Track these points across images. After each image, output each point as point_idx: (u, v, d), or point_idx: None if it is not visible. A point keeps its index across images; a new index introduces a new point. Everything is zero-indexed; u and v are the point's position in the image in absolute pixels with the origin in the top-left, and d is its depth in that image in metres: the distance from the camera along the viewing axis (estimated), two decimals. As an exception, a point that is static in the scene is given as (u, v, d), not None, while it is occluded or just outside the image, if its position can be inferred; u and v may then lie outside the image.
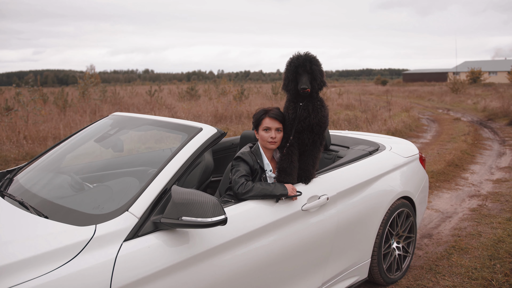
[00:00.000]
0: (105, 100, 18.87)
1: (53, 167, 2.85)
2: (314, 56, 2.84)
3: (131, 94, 26.11)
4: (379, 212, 3.32)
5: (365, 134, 4.64)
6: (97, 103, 15.77)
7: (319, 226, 2.78)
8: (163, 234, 2.09)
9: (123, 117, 3.13)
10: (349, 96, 23.78)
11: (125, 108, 16.77)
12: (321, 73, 2.84)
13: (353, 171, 3.24)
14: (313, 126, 2.83)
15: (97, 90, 17.74)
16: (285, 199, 2.62)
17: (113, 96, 20.42)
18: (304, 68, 2.79)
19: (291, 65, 2.84)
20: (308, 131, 2.85)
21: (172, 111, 14.85)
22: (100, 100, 17.03)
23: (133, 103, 18.98)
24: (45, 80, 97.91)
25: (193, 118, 14.09)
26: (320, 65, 2.85)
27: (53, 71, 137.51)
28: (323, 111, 2.87)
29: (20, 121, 11.36)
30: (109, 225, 1.98)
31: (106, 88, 22.56)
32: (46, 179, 2.70)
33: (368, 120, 12.96)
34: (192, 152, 2.37)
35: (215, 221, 1.99)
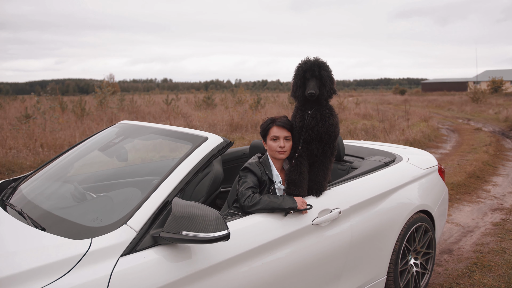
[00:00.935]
0: (122, 108, 19.05)
1: (57, 177, 2.77)
2: (323, 62, 2.72)
3: (148, 103, 26.33)
4: (396, 227, 3.15)
5: (381, 145, 4.48)
6: (113, 112, 15.88)
7: (331, 241, 2.63)
8: (163, 249, 1.98)
9: (129, 126, 3.05)
10: (366, 106, 23.47)
11: (142, 116, 16.88)
12: (331, 80, 2.72)
13: (368, 183, 3.08)
14: (322, 135, 2.70)
15: (114, 99, 17.91)
16: (294, 213, 2.49)
17: (130, 105, 20.62)
18: (312, 72, 2.68)
19: (299, 70, 2.73)
20: (317, 141, 2.72)
21: (188, 120, 14.85)
22: (117, 109, 17.17)
23: (149, 111, 19.09)
24: (66, 89, 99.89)
25: (209, 126, 14.06)
26: (329, 71, 2.73)
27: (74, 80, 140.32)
28: (332, 119, 2.74)
29: (38, 129, 11.49)
30: (105, 239, 1.88)
31: (124, 97, 22.85)
32: (48, 188, 2.63)
33: (385, 130, 12.71)
34: (196, 162, 2.26)
35: (217, 236, 1.87)
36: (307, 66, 2.69)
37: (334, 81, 2.75)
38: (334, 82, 2.74)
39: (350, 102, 26.35)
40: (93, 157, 2.91)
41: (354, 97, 38.46)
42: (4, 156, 8.30)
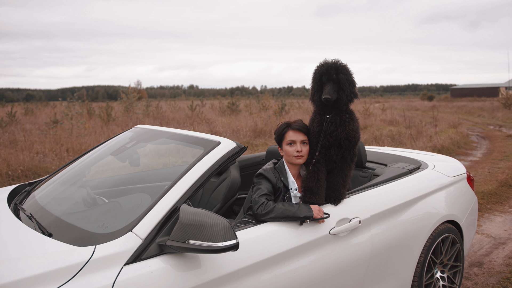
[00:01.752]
0: (147, 114, 19.30)
1: (70, 181, 2.74)
2: (342, 64, 2.58)
3: (174, 109, 26.60)
4: (420, 238, 2.98)
5: (406, 151, 4.29)
6: (139, 117, 16.09)
7: (349, 252, 2.49)
8: (169, 258, 1.89)
9: (144, 130, 3.00)
10: (392, 112, 23.00)
11: (166, 122, 17.02)
12: (350, 83, 2.57)
13: (390, 192, 2.92)
14: (341, 141, 2.57)
15: (139, 105, 18.18)
16: (310, 222, 2.36)
17: (155, 111, 20.87)
18: (328, 76, 2.54)
19: (316, 73, 2.61)
20: (336, 146, 2.59)
21: (211, 126, 14.88)
22: (142, 114, 17.39)
23: (174, 117, 19.25)
24: (96, 95, 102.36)
25: (232, 132, 14.03)
26: (349, 74, 2.57)
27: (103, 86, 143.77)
28: (352, 124, 2.60)
29: (65, 133, 11.72)
30: (109, 246, 1.81)
31: (150, 103, 23.16)
32: (61, 193, 2.59)
33: (412, 136, 12.37)
34: (207, 168, 2.17)
35: (225, 246, 1.77)
36: (323, 69, 2.56)
37: (354, 84, 2.60)
38: (354, 86, 2.60)
39: (376, 108, 25.91)
40: (107, 162, 2.87)
41: (380, 103, 37.86)
42: (30, 160, 8.46)
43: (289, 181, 2.60)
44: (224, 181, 3.36)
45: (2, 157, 8.46)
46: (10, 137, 11.97)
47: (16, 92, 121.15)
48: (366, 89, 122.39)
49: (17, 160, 8.18)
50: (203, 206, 3.45)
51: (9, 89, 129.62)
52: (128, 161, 2.75)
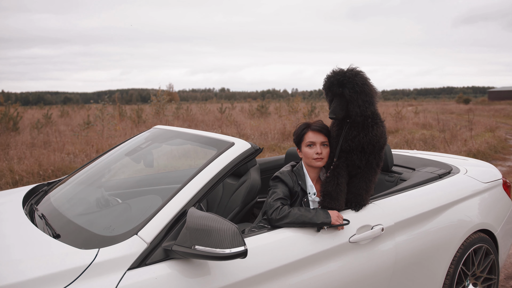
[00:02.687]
0: (177, 116, 19.49)
1: (85, 182, 2.71)
2: (351, 75, 2.36)
3: (204, 111, 26.80)
4: (450, 248, 2.78)
5: (437, 155, 4.07)
6: (168, 119, 16.26)
7: (371, 262, 2.34)
8: (176, 263, 1.81)
9: (161, 131, 2.94)
10: (426, 115, 22.32)
11: (195, 124, 17.14)
12: (361, 94, 2.35)
13: (417, 197, 2.74)
14: (364, 146, 2.42)
15: (169, 107, 18.41)
16: (328, 229, 2.23)
17: (185, 113, 21.07)
18: (332, 92, 2.39)
19: (324, 87, 2.47)
20: (359, 151, 2.44)
21: (239, 128, 14.85)
22: (172, 116, 17.59)
23: (203, 119, 19.37)
24: (130, 98, 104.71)
25: (260, 135, 13.95)
26: (358, 85, 2.34)
27: (137, 89, 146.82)
28: (375, 129, 2.43)
29: (96, 135, 11.96)
30: (113, 250, 1.74)
31: (181, 106, 23.43)
32: (75, 194, 2.56)
33: (446, 140, 11.92)
34: (218, 169, 2.08)
35: (232, 253, 1.67)
36: (327, 84, 2.41)
37: (367, 93, 2.37)
38: (367, 94, 2.37)
39: (408, 112, 25.22)
40: (124, 163, 2.82)
41: (413, 106, 36.88)
42: (61, 160, 8.64)
43: (307, 185, 2.48)
44: (243, 183, 3.26)
45: (34, 157, 8.69)
46: (45, 138, 12.32)
47: (55, 95, 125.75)
48: (399, 92, 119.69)
49: (48, 160, 8.38)
50: (222, 209, 3.37)
51: (48, 92, 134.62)
52: (143, 162, 2.69)
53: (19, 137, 12.26)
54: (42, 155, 8.92)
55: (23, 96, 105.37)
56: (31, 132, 14.16)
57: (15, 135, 13.08)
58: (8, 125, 14.09)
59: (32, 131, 14.29)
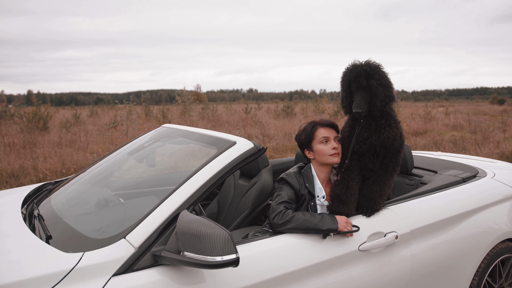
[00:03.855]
0: (202, 117, 19.55)
1: (89, 181, 2.63)
2: (374, 66, 2.23)
3: (230, 112, 26.82)
4: (474, 258, 2.56)
5: (462, 157, 3.82)
6: (192, 119, 16.32)
7: (383, 272, 2.16)
8: (166, 270, 1.69)
9: (168, 130, 2.84)
10: (457, 116, 21.57)
11: (219, 124, 17.12)
12: (385, 87, 2.23)
13: (437, 203, 2.54)
14: (376, 148, 2.25)
15: (195, 107, 18.51)
16: (334, 235, 2.07)
17: (210, 113, 21.12)
18: (358, 84, 2.22)
19: (344, 80, 2.29)
20: (371, 154, 2.28)
21: (263, 128, 14.72)
22: (197, 117, 17.65)
23: (228, 120, 19.35)
24: (159, 99, 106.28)
25: (284, 135, 13.77)
26: (382, 77, 2.23)
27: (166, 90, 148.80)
28: (389, 131, 2.27)
29: (121, 134, 12.08)
30: (98, 254, 1.64)
31: (208, 106, 23.56)
32: (76, 194, 2.49)
33: (477, 142, 11.43)
34: (217, 170, 1.95)
35: (222, 261, 1.54)
36: (352, 75, 2.24)
37: (389, 87, 2.26)
38: (389, 88, 2.25)
39: (439, 113, 24.48)
40: (128, 163, 2.73)
41: (444, 107, 35.83)
42: (84, 159, 8.74)
43: (315, 187, 2.32)
44: (254, 185, 3.13)
45: (58, 156, 8.82)
46: (72, 137, 12.56)
47: (88, 95, 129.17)
48: (430, 92, 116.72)
49: (71, 159, 8.48)
50: (233, 211, 3.24)
51: (81, 93, 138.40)
52: (146, 161, 2.59)
53: (47, 136, 12.54)
54: (66, 154, 9.05)
55: (57, 96, 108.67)
56: (59, 131, 14.48)
57: (44, 134, 13.39)
58: (38, 124, 14.45)
59: (61, 131, 14.61)
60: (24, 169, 7.86)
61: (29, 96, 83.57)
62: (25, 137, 11.79)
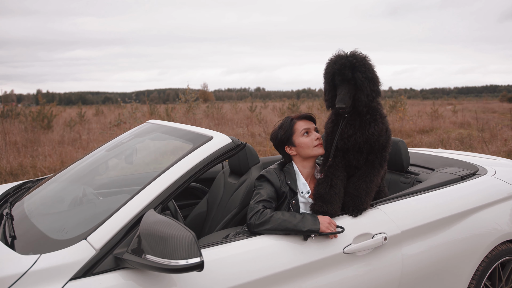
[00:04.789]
0: (207, 115, 19.47)
1: (68, 179, 2.52)
2: (360, 57, 2.09)
3: (235, 110, 26.71)
4: (471, 260, 2.41)
5: (464, 154, 3.67)
6: (196, 118, 16.24)
7: (370, 276, 2.02)
8: (130, 273, 1.57)
9: (152, 125, 2.72)
10: (464, 114, 21.23)
11: (223, 122, 17.01)
12: (371, 81, 2.09)
13: (431, 202, 2.39)
14: (361, 146, 2.13)
15: (198, 105, 18.44)
16: (316, 237, 1.93)
17: (215, 112, 21.04)
18: (342, 76, 2.07)
19: (327, 72, 2.15)
20: (355, 151, 2.15)
21: (266, 126, 14.58)
22: (201, 115, 17.57)
23: (232, 118, 19.23)
24: (167, 98, 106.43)
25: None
26: (369, 70, 2.09)
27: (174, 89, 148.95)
28: (373, 127, 2.13)
29: (123, 133, 12.02)
30: (56, 256, 1.53)
31: (214, 105, 23.50)
32: (52, 192, 2.37)
33: (484, 139, 11.19)
34: (190, 167, 1.83)
35: (184, 265, 1.42)
36: (336, 67, 2.09)
37: (375, 81, 2.11)
38: (375, 83, 2.11)
39: (446, 110, 24.15)
40: (107, 159, 2.62)
41: (453, 105, 35.44)
42: (84, 157, 8.68)
43: (299, 183, 2.19)
44: (243, 183, 3.01)
45: (58, 154, 8.77)
46: (74, 136, 12.52)
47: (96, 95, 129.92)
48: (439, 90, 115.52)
49: (71, 157, 8.42)
50: (222, 210, 3.13)
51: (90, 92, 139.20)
52: (124, 158, 2.48)
53: (50, 135, 12.52)
54: (66, 152, 8.99)
55: (66, 96, 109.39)
56: (64, 130, 14.47)
57: (48, 133, 13.38)
58: (42, 123, 14.46)
59: (65, 129, 14.60)
60: (23, 168, 7.81)
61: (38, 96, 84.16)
62: (28, 135, 11.78)
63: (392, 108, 18.56)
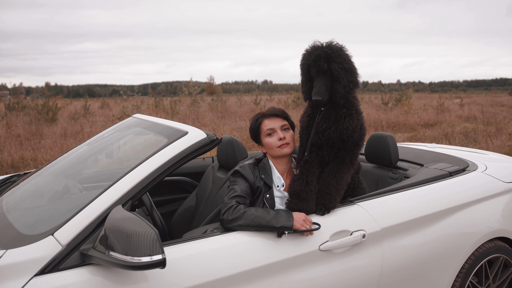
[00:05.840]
0: (211, 108, 19.46)
1: (52, 173, 2.51)
2: (337, 48, 2.04)
3: (240, 103, 26.67)
4: (457, 257, 2.38)
5: (459, 149, 3.61)
6: (199, 111, 16.24)
7: (347, 275, 1.99)
8: (97, 269, 1.57)
9: (137, 120, 2.70)
10: (471, 107, 20.97)
11: (227, 115, 16.98)
12: (348, 72, 2.04)
13: (415, 199, 2.36)
14: (334, 141, 2.09)
15: (200, 98, 18.43)
16: (290, 234, 1.91)
17: (220, 104, 21.03)
18: (318, 68, 2.02)
19: (303, 63, 2.10)
20: (329, 146, 2.11)
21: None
22: (204, 108, 17.57)
23: (237, 111, 19.19)
24: (174, 90, 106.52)
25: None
26: (346, 60, 2.04)
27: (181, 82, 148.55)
28: (348, 121, 2.09)
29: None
30: (21, 252, 1.52)
31: (220, 97, 23.51)
32: (31, 186, 2.37)
33: (488, 133, 11.05)
34: (162, 162, 1.82)
35: (146, 262, 1.41)
36: (311, 58, 2.04)
37: (353, 71, 2.07)
38: (353, 73, 2.07)
39: (453, 104, 23.89)
40: (90, 154, 2.61)
41: (461, 98, 35.08)
42: (85, 150, 8.71)
43: (274, 177, 2.17)
44: None
45: (59, 146, 8.81)
46: (78, 128, 12.58)
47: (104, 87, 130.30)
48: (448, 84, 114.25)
49: (71, 150, 8.46)
50: (210, 204, 3.12)
51: (98, 85, 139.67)
52: (105, 153, 2.47)
53: (53, 128, 12.59)
54: (67, 145, 9.04)
55: (74, 88, 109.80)
56: (68, 122, 14.54)
57: (52, 125, 13.45)
58: (47, 116, 14.55)
59: (70, 122, 14.67)
60: (24, 160, 7.86)
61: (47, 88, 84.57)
62: (31, 128, 11.85)
63: (397, 101, 18.40)
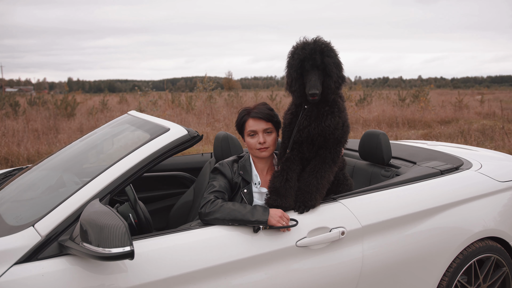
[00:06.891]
0: (227, 103, 19.58)
1: (48, 167, 2.61)
2: (326, 43, 2.06)
3: (256, 99, 26.73)
4: (442, 257, 2.37)
5: (459, 147, 3.58)
6: (214, 106, 16.36)
7: (325, 272, 2.01)
8: (74, 260, 1.64)
9: (131, 117, 2.77)
10: (491, 104, 20.47)
11: (242, 111, 17.04)
12: (337, 66, 2.06)
13: (400, 197, 2.35)
14: (314, 138, 2.10)
15: (215, 94, 18.57)
16: (268, 229, 1.94)
17: (236, 100, 21.13)
18: (313, 62, 2.03)
19: (294, 57, 2.09)
20: (309, 143, 2.13)
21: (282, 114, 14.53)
22: (219, 103, 17.70)
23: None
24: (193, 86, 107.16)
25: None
26: (336, 55, 2.07)
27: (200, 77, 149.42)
28: (330, 119, 2.10)
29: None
30: (2, 242, 1.61)
31: (237, 92, 23.63)
32: (29, 180, 2.46)
33: (505, 131, 10.82)
34: (142, 157, 1.88)
35: (114, 253, 1.48)
36: (305, 53, 2.04)
37: (341, 67, 2.09)
38: (341, 69, 2.09)
39: (474, 100, 23.38)
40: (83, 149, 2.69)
41: (484, 94, 34.26)
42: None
43: (252, 174, 2.22)
44: None
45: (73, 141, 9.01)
46: (94, 123, 12.83)
47: (124, 83, 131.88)
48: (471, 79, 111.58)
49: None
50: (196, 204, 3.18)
51: (118, 80, 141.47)
52: (95, 149, 2.55)
53: (71, 123, 12.88)
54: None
55: (95, 84, 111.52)
56: (86, 118, 14.84)
57: (71, 120, 13.76)
58: (66, 111, 14.89)
59: (87, 117, 14.98)
60: (39, 154, 8.09)
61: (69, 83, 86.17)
62: (49, 123, 12.15)
63: (415, 97, 18.14)
